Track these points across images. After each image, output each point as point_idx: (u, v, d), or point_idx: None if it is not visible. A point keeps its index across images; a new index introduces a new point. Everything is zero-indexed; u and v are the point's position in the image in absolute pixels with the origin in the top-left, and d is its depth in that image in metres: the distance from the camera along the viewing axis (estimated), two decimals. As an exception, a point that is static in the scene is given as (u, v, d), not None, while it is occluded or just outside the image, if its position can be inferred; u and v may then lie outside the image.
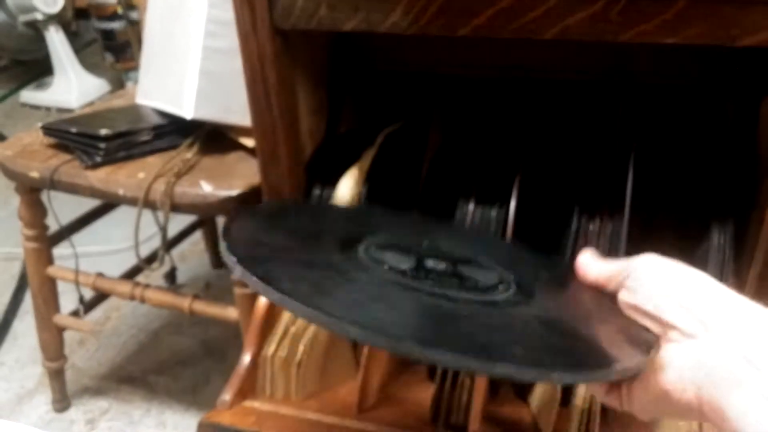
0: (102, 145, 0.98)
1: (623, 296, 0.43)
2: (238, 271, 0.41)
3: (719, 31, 0.52)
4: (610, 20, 0.54)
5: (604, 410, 0.62)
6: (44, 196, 1.11)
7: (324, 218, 0.63)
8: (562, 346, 0.42)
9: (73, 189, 1.00)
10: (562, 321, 0.45)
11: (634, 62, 0.76)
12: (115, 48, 2.58)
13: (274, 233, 0.51)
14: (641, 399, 0.41)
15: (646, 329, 0.41)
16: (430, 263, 0.48)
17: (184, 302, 1.09)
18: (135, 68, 2.47)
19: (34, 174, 1.02)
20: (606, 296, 0.45)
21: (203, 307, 1.09)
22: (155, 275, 1.63)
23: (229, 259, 0.42)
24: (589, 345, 0.42)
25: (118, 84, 2.75)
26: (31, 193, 1.09)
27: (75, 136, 1.01)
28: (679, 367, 0.38)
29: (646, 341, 0.40)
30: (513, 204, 0.68)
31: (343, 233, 0.54)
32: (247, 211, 0.64)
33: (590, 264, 0.47)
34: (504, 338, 0.40)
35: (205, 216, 1.51)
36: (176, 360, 1.46)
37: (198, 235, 1.67)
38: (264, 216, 0.57)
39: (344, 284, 0.44)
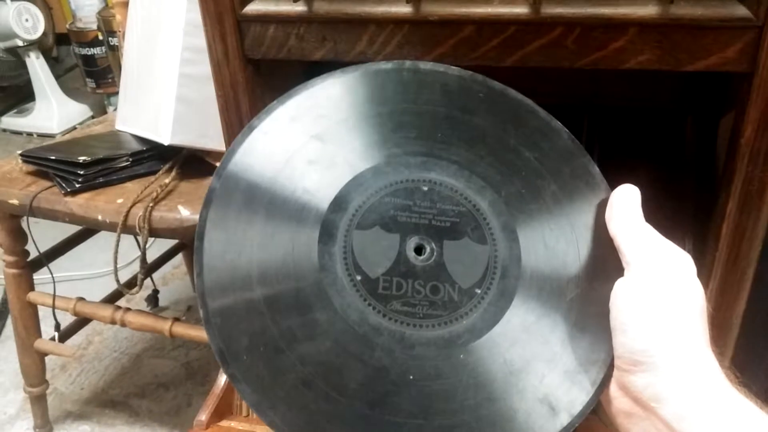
0: (80, 171, 0.99)
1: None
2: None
3: (669, 57, 0.54)
4: (566, 47, 0.56)
5: None
6: (27, 222, 1.12)
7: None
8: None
9: (52, 215, 1.02)
10: (523, 357, 0.45)
11: (598, 85, 0.78)
12: (96, 73, 2.59)
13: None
14: None
15: None
16: (411, 255, 0.46)
17: (165, 325, 1.10)
18: (116, 93, 2.48)
19: (14, 201, 1.03)
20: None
21: (183, 330, 1.10)
22: (137, 299, 1.64)
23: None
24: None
25: (100, 109, 2.76)
26: (11, 219, 1.10)
27: (54, 163, 1.03)
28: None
29: None
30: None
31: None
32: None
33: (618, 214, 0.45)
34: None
35: (183, 240, 1.52)
36: (158, 383, 1.47)
37: (179, 258, 1.68)
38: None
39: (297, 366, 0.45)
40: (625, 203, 0.45)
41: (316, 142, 0.48)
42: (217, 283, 0.45)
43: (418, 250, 0.46)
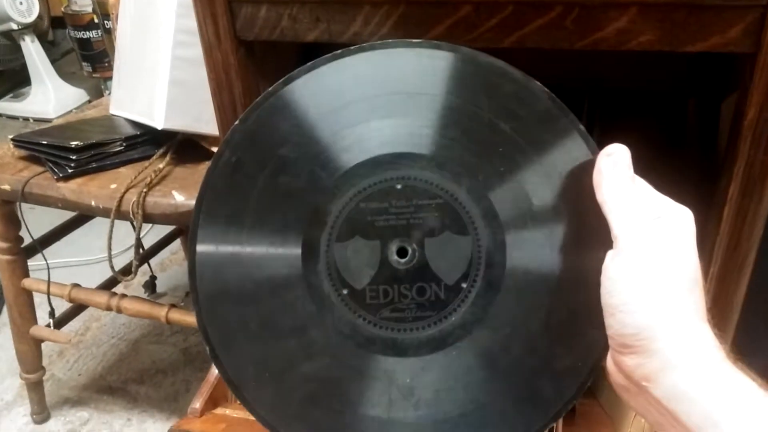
0: (73, 156, 0.98)
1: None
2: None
3: (670, 38, 0.53)
4: (565, 28, 0.55)
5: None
6: (20, 208, 1.11)
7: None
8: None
9: (45, 201, 1.00)
10: (516, 343, 0.45)
11: (599, 67, 0.77)
12: (92, 57, 2.57)
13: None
14: None
15: None
16: (394, 259, 0.45)
17: (161, 311, 1.09)
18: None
19: (6, 186, 1.02)
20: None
21: (180, 316, 1.09)
22: (135, 285, 1.63)
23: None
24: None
25: (97, 93, 2.74)
26: (4, 205, 1.08)
27: (46, 148, 1.01)
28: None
29: None
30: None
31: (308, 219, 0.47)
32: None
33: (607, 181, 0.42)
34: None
35: (178, 225, 1.51)
36: (157, 369, 1.46)
37: (177, 244, 1.67)
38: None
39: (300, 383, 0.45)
40: (612, 167, 0.42)
41: (287, 147, 0.46)
42: (217, 324, 0.46)
43: (400, 253, 0.45)
